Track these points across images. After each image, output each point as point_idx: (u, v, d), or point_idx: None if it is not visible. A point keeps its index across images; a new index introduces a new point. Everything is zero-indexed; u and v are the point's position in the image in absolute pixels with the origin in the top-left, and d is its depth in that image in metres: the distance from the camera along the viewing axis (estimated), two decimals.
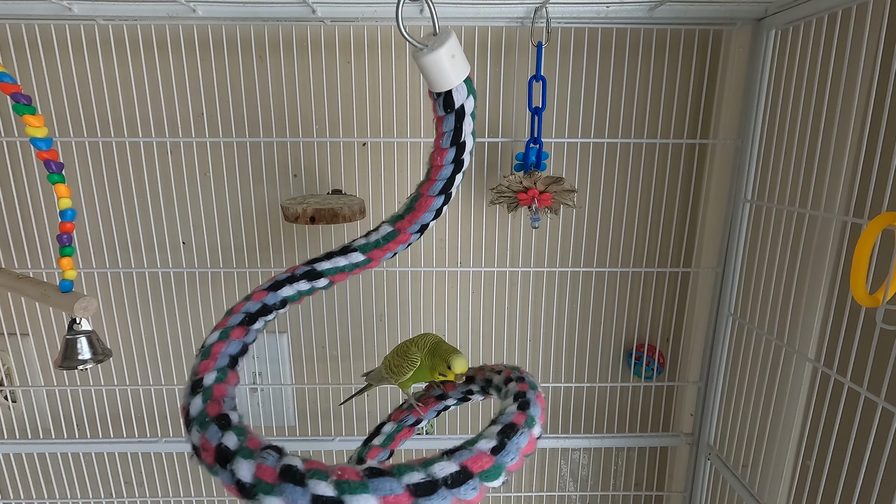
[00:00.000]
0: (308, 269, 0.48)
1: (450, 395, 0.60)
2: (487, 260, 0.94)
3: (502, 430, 0.36)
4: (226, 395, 0.36)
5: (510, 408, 0.40)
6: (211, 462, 0.32)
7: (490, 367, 0.55)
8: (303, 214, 0.73)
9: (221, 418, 0.34)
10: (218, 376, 0.37)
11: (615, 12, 0.73)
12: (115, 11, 0.73)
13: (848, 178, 0.66)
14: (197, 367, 0.38)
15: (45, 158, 0.60)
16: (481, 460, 0.33)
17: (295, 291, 0.47)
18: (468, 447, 0.34)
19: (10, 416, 0.98)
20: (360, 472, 0.30)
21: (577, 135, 0.85)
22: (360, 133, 0.87)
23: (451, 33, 0.38)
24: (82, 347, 0.65)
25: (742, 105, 0.80)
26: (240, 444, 0.32)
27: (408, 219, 0.48)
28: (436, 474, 0.31)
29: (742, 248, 0.82)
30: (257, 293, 0.45)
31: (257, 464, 0.30)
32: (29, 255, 0.89)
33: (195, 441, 0.33)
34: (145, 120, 0.85)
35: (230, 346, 0.41)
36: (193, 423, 0.34)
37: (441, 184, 0.46)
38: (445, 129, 0.43)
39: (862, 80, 0.63)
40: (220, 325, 0.42)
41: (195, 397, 0.36)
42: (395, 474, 0.30)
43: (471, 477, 0.32)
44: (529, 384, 0.45)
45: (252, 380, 0.97)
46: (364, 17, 0.75)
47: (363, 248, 0.49)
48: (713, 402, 0.90)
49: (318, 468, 0.30)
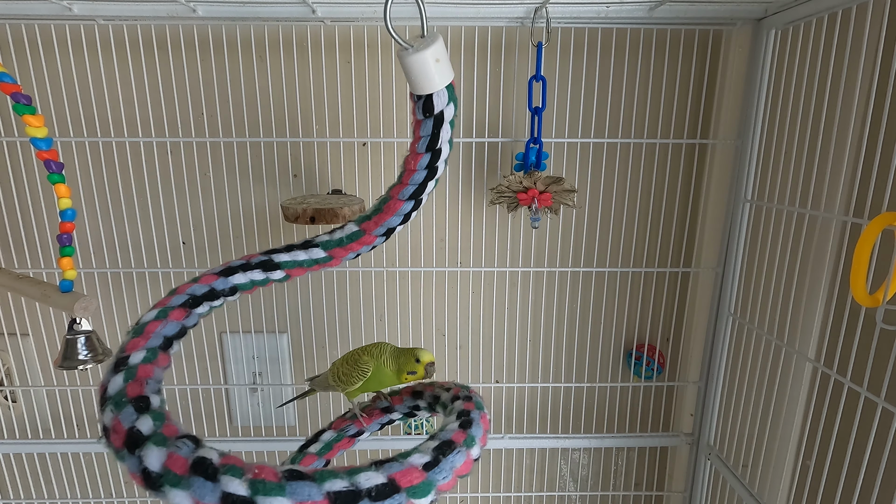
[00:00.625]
0: (265, 259, 0.46)
1: (395, 409, 0.59)
2: (487, 260, 0.94)
3: (439, 446, 0.35)
4: (151, 376, 0.34)
5: (451, 425, 0.39)
6: (119, 446, 0.30)
7: (440, 383, 0.54)
8: (303, 214, 0.73)
9: (140, 400, 0.31)
10: (147, 356, 0.35)
11: (615, 12, 0.73)
12: (115, 11, 0.73)
13: (848, 178, 0.66)
14: (125, 345, 0.36)
15: (45, 158, 0.60)
16: (411, 475, 0.31)
17: (248, 280, 0.45)
18: (399, 460, 0.32)
19: (10, 416, 0.98)
20: (278, 473, 0.28)
21: (577, 135, 0.85)
22: (360, 133, 0.87)
23: (438, 37, 0.38)
24: (82, 347, 0.65)
25: (742, 105, 0.80)
26: (154, 430, 0.30)
27: (374, 220, 0.47)
28: (360, 484, 0.29)
29: (742, 248, 0.82)
30: (206, 276, 0.43)
31: (169, 453, 0.28)
32: (29, 255, 0.89)
33: (106, 421, 0.31)
34: (145, 120, 0.85)
35: (167, 326, 0.38)
36: (108, 403, 0.32)
37: (412, 189, 0.44)
38: (422, 133, 0.42)
39: (862, 80, 0.63)
40: (161, 303, 0.40)
41: (116, 375, 0.33)
42: (316, 480, 0.29)
43: (397, 491, 0.30)
44: (476, 404, 0.44)
45: (252, 380, 0.97)
46: (364, 17, 0.75)
47: (325, 245, 0.48)
48: (713, 402, 0.90)
49: (233, 464, 0.28)
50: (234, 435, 1.01)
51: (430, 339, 0.97)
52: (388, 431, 1.03)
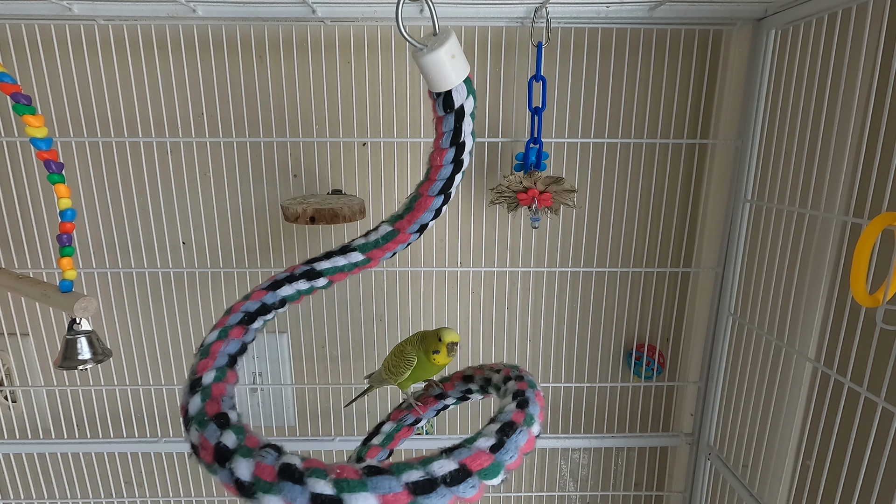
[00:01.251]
0: (307, 269, 0.48)
1: (449, 395, 0.60)
2: (487, 260, 0.94)
3: (501, 428, 0.36)
4: (225, 393, 0.36)
5: (509, 406, 0.40)
6: (210, 461, 0.32)
7: (489, 365, 0.55)
8: (303, 214, 0.73)
9: (220, 417, 0.34)
10: (217, 375, 0.37)
11: (615, 12, 0.73)
12: (115, 11, 0.73)
13: (848, 178, 0.66)
14: (196, 367, 0.38)
15: (45, 158, 0.60)
16: (480, 458, 0.33)
17: (294, 291, 0.47)
18: (467, 445, 0.34)
19: (10, 416, 0.98)
20: (358, 471, 0.30)
21: (577, 135, 0.85)
22: (360, 133, 0.87)
23: (451, 33, 0.38)
24: (82, 347, 0.65)
25: (742, 105, 0.80)
26: (238, 443, 0.32)
27: (407, 218, 0.48)
28: (435, 472, 0.31)
29: (742, 248, 0.82)
30: (256, 292, 0.45)
31: (256, 462, 0.30)
32: (29, 255, 0.89)
33: (194, 440, 0.33)
34: (145, 120, 0.85)
35: (229, 345, 0.40)
36: (192, 422, 0.34)
37: (441, 184, 0.46)
38: (445, 129, 0.43)
39: (862, 80, 0.63)
40: (219, 324, 0.42)
41: (194, 396, 0.36)
42: (394, 472, 0.30)
43: (470, 475, 0.32)
44: (528, 383, 0.45)
45: (252, 380, 0.97)
46: (364, 17, 0.75)
47: (362, 248, 0.50)
48: (713, 402, 0.90)
49: (316, 466, 0.30)
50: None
51: None
52: None
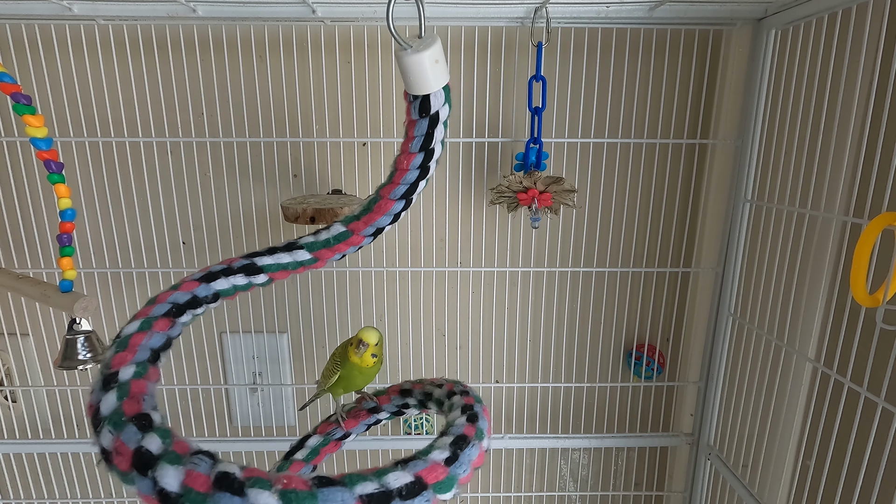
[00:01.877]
0: (247, 263, 0.44)
1: (383, 409, 0.59)
2: (487, 260, 0.94)
3: (454, 441, 0.35)
4: (146, 392, 0.32)
5: (459, 419, 0.39)
6: (126, 468, 0.28)
7: (430, 380, 0.54)
8: (303, 214, 0.73)
9: (141, 418, 0.29)
10: (137, 371, 0.33)
11: (615, 12, 0.73)
12: (115, 11, 0.73)
13: (848, 178, 0.66)
14: (110, 360, 0.33)
15: (45, 158, 0.60)
16: (436, 471, 0.32)
17: (230, 285, 0.43)
18: (422, 457, 0.33)
19: (10, 416, 0.98)
20: (307, 482, 0.28)
21: (577, 135, 0.85)
22: (360, 133, 0.87)
23: (437, 38, 0.38)
24: (82, 347, 0.65)
25: (742, 105, 0.80)
26: (164, 448, 0.28)
27: (364, 220, 0.46)
28: (390, 485, 0.29)
29: (742, 248, 0.82)
30: (187, 283, 0.41)
31: (187, 470, 0.27)
32: (29, 255, 0.89)
33: (105, 444, 0.29)
34: (145, 120, 0.85)
35: (153, 338, 0.36)
36: (105, 423, 0.29)
37: (404, 188, 0.44)
38: (416, 133, 0.41)
39: (862, 80, 0.63)
40: (142, 313, 0.38)
41: (107, 393, 0.31)
42: (346, 484, 0.28)
43: (425, 488, 0.31)
44: (475, 398, 0.44)
45: (252, 380, 0.97)
46: (364, 17, 0.75)
47: (311, 247, 0.46)
48: (713, 402, 0.90)
49: (258, 476, 0.27)
50: (233, 435, 1.01)
51: (430, 339, 0.97)
52: (387, 431, 1.03)
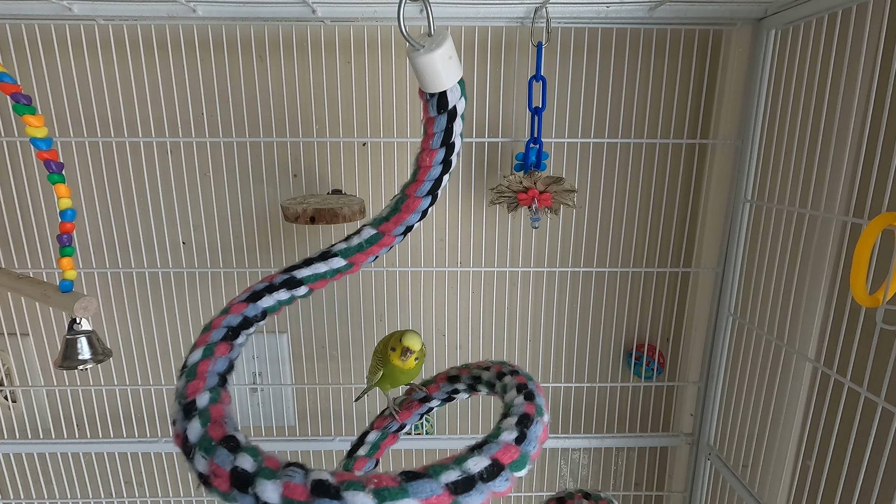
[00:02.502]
0: (287, 278, 0.45)
1: (433, 396, 0.59)
2: (487, 260, 0.94)
3: (519, 420, 0.37)
4: (224, 415, 0.33)
5: (517, 399, 0.40)
6: (226, 489, 0.29)
7: (475, 364, 0.55)
8: (303, 214, 0.73)
9: (229, 440, 0.31)
10: (212, 397, 0.35)
11: (615, 12, 0.73)
12: (115, 11, 0.73)
13: (848, 178, 0.66)
14: (185, 390, 0.35)
15: (45, 158, 0.60)
16: (509, 451, 0.33)
17: (275, 301, 0.44)
18: (493, 440, 0.34)
19: (10, 416, 0.98)
20: (396, 478, 0.29)
21: (577, 135, 0.85)
22: (360, 133, 0.87)
23: (447, 34, 0.39)
24: (82, 347, 0.65)
25: (742, 105, 0.80)
26: (258, 465, 0.29)
27: (393, 220, 0.47)
28: (471, 470, 0.31)
29: (742, 248, 0.82)
30: (236, 305, 0.42)
31: (284, 482, 0.28)
32: (29, 255, 0.89)
33: (202, 468, 0.31)
34: (145, 120, 0.85)
35: (217, 363, 0.37)
36: (196, 450, 0.31)
37: (429, 185, 0.45)
38: (436, 129, 0.42)
39: (862, 80, 0.63)
40: (202, 341, 0.39)
41: (191, 421, 0.33)
42: (432, 475, 0.30)
43: (503, 469, 0.32)
44: (526, 376, 0.45)
45: (252, 380, 0.97)
46: (364, 17, 0.75)
47: (344, 253, 0.47)
48: (713, 402, 0.90)
49: (351, 479, 0.29)
50: None
51: (430, 339, 0.97)
52: None
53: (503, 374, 0.48)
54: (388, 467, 1.03)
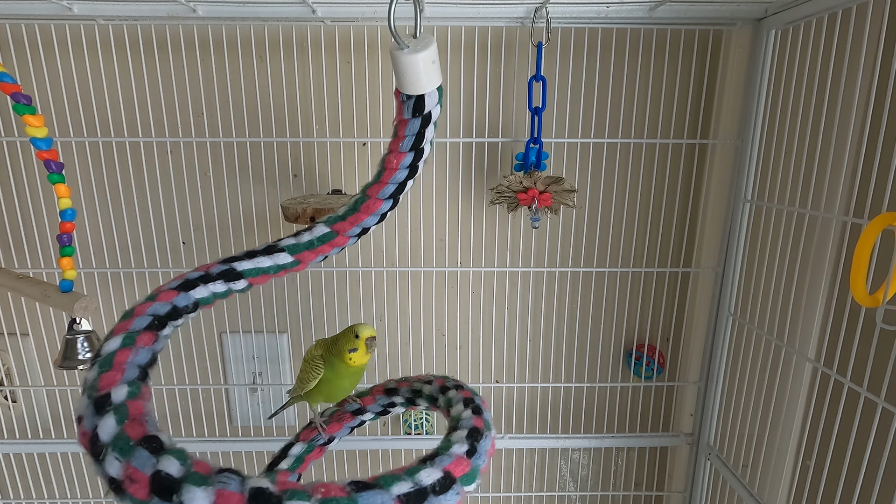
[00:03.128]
0: (226, 269, 0.42)
1: (367, 409, 0.58)
2: (487, 260, 0.94)
3: (469, 433, 0.36)
4: (145, 412, 0.29)
5: (465, 413, 0.40)
6: (144, 496, 0.25)
7: (416, 377, 0.54)
8: (303, 214, 0.73)
9: (151, 440, 0.27)
10: (130, 391, 0.30)
11: (615, 12, 0.73)
12: (115, 11, 0.73)
13: (848, 178, 0.66)
14: (97, 381, 0.30)
15: (45, 158, 0.60)
16: (461, 464, 0.32)
17: (209, 293, 0.41)
18: (444, 452, 0.33)
19: (10, 416, 0.98)
20: (344, 488, 0.27)
21: (577, 135, 0.85)
22: (360, 133, 0.87)
23: (432, 39, 0.39)
24: (82, 347, 0.65)
25: (742, 105, 0.80)
26: (186, 470, 0.26)
27: (350, 220, 0.45)
28: (423, 482, 0.30)
29: (742, 248, 0.82)
30: (165, 292, 0.38)
31: (216, 490, 0.25)
32: (29, 255, 0.89)
33: (114, 472, 0.26)
34: (145, 120, 0.85)
35: (138, 354, 0.33)
36: (109, 450, 0.27)
37: (392, 188, 0.44)
38: (407, 133, 0.41)
39: (862, 80, 0.63)
40: (121, 328, 0.34)
41: (104, 418, 0.28)
42: (382, 486, 0.28)
43: (454, 482, 0.31)
44: (471, 391, 0.44)
45: (252, 380, 0.97)
46: (364, 17, 0.75)
47: (292, 249, 0.45)
48: (713, 402, 0.90)
49: (294, 488, 0.26)
50: (233, 435, 1.01)
51: (430, 339, 0.97)
52: (387, 431, 1.03)
53: (447, 389, 0.47)
54: (387, 467, 1.03)
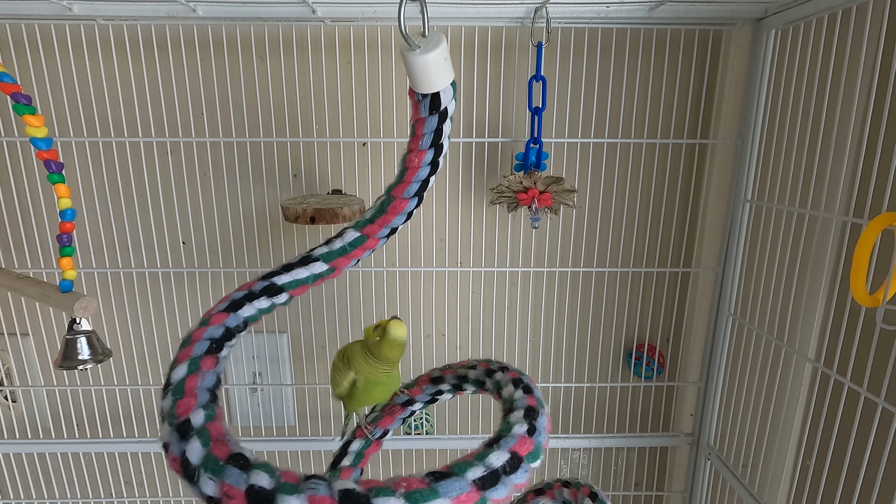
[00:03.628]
0: (267, 285, 0.42)
1: (416, 399, 0.59)
2: (487, 260, 0.94)
3: (526, 413, 0.37)
4: (225, 433, 0.31)
5: (517, 393, 0.41)
6: None
7: (459, 364, 0.54)
8: (303, 214, 0.73)
9: (238, 458, 0.29)
10: (207, 414, 0.32)
11: (615, 12, 0.73)
12: (115, 11, 0.73)
13: (848, 178, 0.66)
14: (174, 409, 0.32)
15: (45, 158, 0.60)
16: (525, 443, 0.34)
17: (255, 310, 0.41)
18: (507, 434, 0.35)
19: (10, 416, 0.98)
20: (423, 479, 0.30)
21: (577, 135, 0.85)
22: (360, 133, 0.87)
23: (442, 36, 0.39)
24: (82, 347, 0.65)
25: (742, 105, 0.80)
26: (276, 482, 0.28)
27: (378, 223, 0.45)
28: (494, 464, 0.32)
29: (742, 248, 0.82)
30: (216, 315, 0.39)
31: (308, 497, 0.27)
32: (29, 255, 0.89)
33: (211, 491, 0.28)
34: (145, 120, 0.85)
35: (205, 378, 0.34)
36: (202, 472, 0.29)
37: (416, 186, 0.44)
38: (426, 130, 0.42)
39: (862, 80, 0.63)
40: (184, 356, 0.36)
41: (190, 442, 0.30)
42: (458, 473, 0.30)
43: (521, 461, 0.33)
44: (518, 371, 0.45)
45: (252, 380, 0.97)
46: (364, 17, 0.75)
47: (326, 257, 0.45)
48: (713, 402, 0.90)
49: (378, 486, 0.28)
50: None
51: (430, 339, 0.97)
52: None
53: (492, 371, 0.48)
54: (388, 468, 1.03)
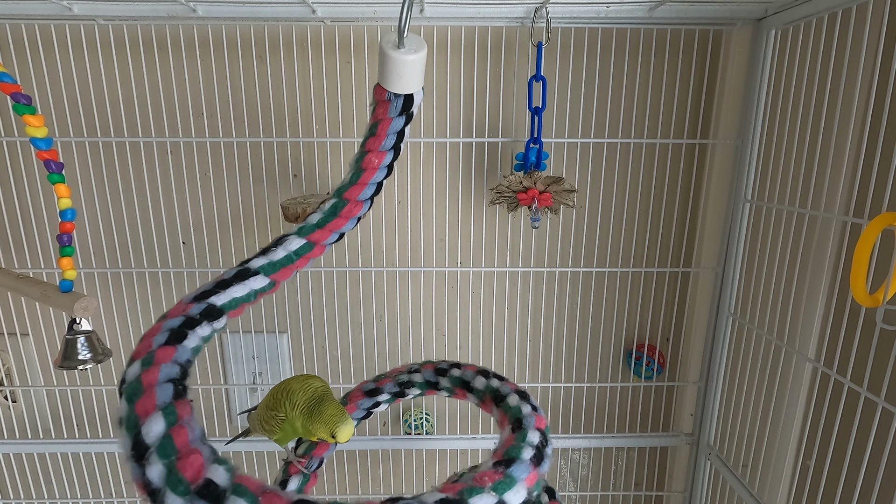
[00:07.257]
0: (205, 307, 0.37)
1: (384, 390, 0.58)
2: (487, 260, 0.94)
3: (520, 397, 0.44)
4: (190, 440, 0.28)
5: (525, 409, 0.44)
6: None
7: (393, 371, 0.54)
8: (303, 214, 0.73)
9: (205, 486, 0.26)
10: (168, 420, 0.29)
11: (615, 12, 0.73)
12: (115, 11, 0.73)
13: (848, 178, 0.66)
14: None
15: (45, 158, 0.60)
16: (540, 420, 0.40)
17: (200, 340, 0.35)
18: (521, 415, 0.41)
19: (10, 416, 0.98)
20: (498, 471, 0.33)
21: (577, 135, 0.85)
22: (361, 133, 0.86)
23: (423, 40, 0.39)
24: (82, 347, 0.65)
25: (742, 105, 0.80)
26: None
27: (328, 228, 0.42)
28: (535, 442, 0.37)
29: (742, 248, 0.82)
30: (161, 351, 0.33)
31: None
32: (29, 255, 0.89)
33: None
34: (145, 120, 0.85)
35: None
36: (164, 497, 0.26)
37: (371, 189, 0.43)
38: (390, 131, 0.41)
39: (862, 80, 0.63)
40: (148, 398, 0.31)
41: (156, 465, 0.27)
42: (517, 456, 0.34)
43: (547, 434, 0.39)
44: (519, 387, 0.49)
45: (252, 380, 0.97)
46: (364, 17, 0.75)
47: (267, 269, 0.39)
48: (713, 402, 0.90)
49: (465, 487, 0.31)
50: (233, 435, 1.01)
51: (430, 339, 0.97)
52: (387, 431, 1.03)
53: (483, 374, 0.54)
54: (388, 468, 1.03)
